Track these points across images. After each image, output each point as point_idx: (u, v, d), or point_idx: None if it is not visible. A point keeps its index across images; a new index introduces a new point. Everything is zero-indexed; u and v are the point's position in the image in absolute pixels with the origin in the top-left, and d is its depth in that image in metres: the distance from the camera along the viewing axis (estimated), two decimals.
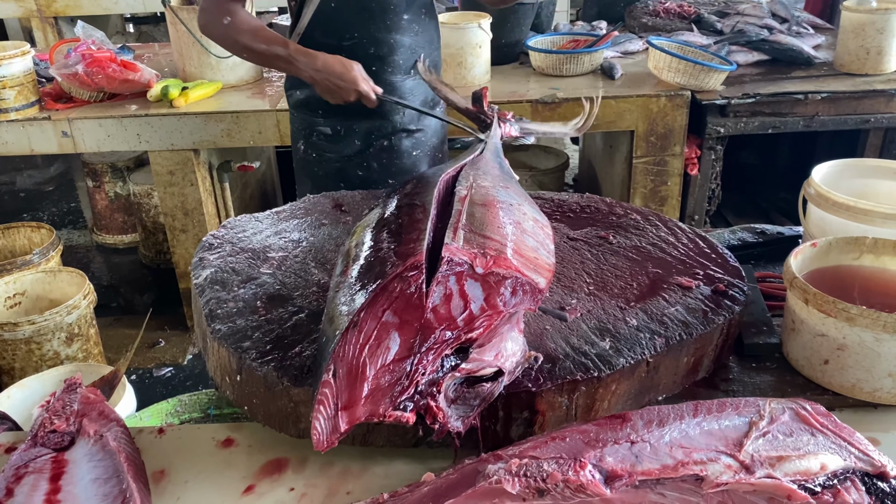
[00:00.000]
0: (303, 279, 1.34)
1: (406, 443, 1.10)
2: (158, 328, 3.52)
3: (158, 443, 1.21)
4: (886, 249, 1.35)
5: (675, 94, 3.02)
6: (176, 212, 3.22)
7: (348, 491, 1.08)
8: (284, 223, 1.56)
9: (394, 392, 0.96)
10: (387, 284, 0.97)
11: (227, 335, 1.18)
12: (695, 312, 1.23)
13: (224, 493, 1.09)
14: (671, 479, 0.91)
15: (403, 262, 0.99)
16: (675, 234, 1.50)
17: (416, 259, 0.99)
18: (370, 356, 0.95)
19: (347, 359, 0.94)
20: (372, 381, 0.95)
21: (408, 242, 1.06)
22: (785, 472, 0.93)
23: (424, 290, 0.97)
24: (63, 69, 3.02)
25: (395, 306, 0.96)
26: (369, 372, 0.95)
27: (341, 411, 0.94)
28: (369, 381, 0.95)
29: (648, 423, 0.98)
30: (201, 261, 1.39)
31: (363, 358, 0.95)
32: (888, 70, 3.14)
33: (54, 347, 2.77)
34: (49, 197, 5.13)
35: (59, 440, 1.15)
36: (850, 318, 1.16)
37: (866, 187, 1.66)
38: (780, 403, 1.04)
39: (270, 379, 1.10)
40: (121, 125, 3.02)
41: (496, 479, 0.90)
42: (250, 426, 1.21)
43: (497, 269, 1.01)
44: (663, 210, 3.21)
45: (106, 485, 1.06)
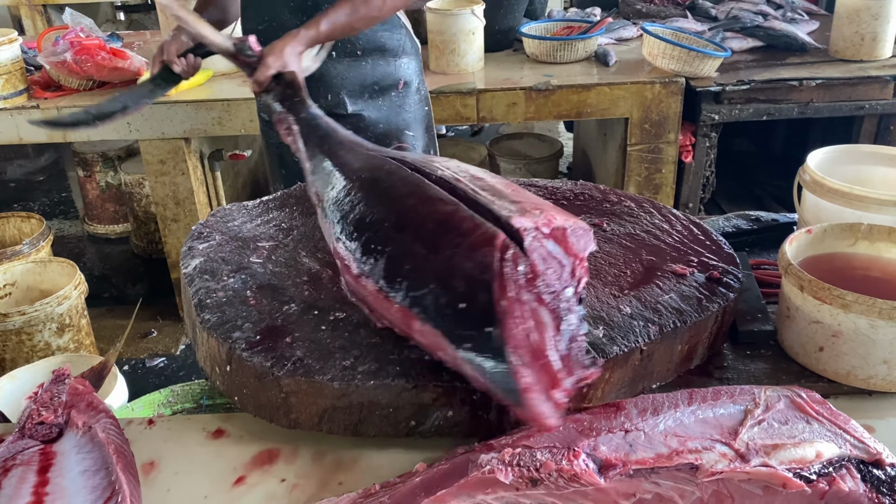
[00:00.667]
0: (293, 269, 1.33)
1: (398, 433, 1.09)
2: (151, 318, 3.50)
3: (148, 434, 1.20)
4: (881, 236, 1.34)
5: (670, 81, 3.01)
6: (167, 201, 3.19)
7: (340, 481, 1.07)
8: (275, 212, 1.54)
9: (573, 355, 0.98)
10: (500, 270, 0.96)
11: (217, 325, 1.17)
12: (689, 300, 1.22)
13: (214, 484, 1.08)
14: (666, 467, 0.90)
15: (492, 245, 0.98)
16: (670, 221, 1.49)
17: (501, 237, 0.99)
18: (539, 334, 0.96)
19: (524, 344, 0.95)
20: (554, 354, 0.97)
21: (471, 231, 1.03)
22: (780, 460, 0.92)
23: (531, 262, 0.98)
24: (51, 57, 2.98)
25: (520, 285, 0.97)
26: (548, 347, 0.97)
27: (550, 391, 0.95)
28: (552, 354, 0.97)
29: (643, 411, 0.98)
30: (190, 250, 1.37)
31: (535, 338, 0.96)
32: (883, 56, 3.13)
33: (45, 338, 2.75)
34: (40, 187, 5.09)
35: (46, 432, 1.14)
36: (845, 304, 1.15)
37: (861, 173, 1.65)
38: (776, 391, 1.03)
39: (260, 369, 1.09)
40: None
41: (489, 468, 0.89)
42: (241, 417, 1.20)
43: (554, 224, 1.02)
44: (657, 198, 3.20)
45: (94, 477, 1.04)
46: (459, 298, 0.98)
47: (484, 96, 3.02)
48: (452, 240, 1.04)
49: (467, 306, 0.97)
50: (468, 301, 0.97)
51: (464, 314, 0.98)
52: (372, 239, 1.14)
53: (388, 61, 2.14)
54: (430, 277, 1.03)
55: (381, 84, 2.14)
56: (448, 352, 1.00)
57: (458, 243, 1.02)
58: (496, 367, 0.94)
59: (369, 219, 1.18)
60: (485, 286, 0.95)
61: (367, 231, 1.16)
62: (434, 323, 1.00)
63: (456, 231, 1.04)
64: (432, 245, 1.06)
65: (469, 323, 0.97)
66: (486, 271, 0.96)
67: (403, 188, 1.20)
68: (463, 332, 0.97)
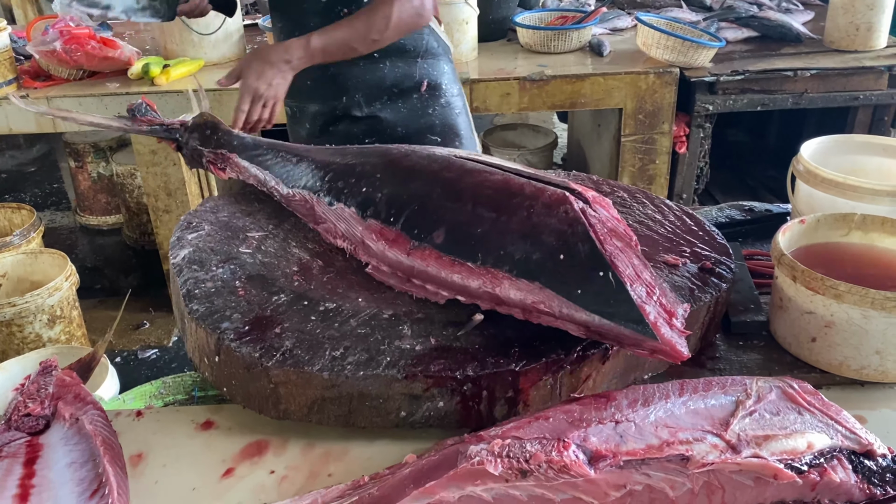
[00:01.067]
0: (283, 259, 1.32)
1: (388, 423, 1.08)
2: (143, 310, 3.48)
3: (136, 426, 1.19)
4: (874, 226, 1.33)
5: (664, 72, 2.99)
6: (159, 192, 3.17)
7: (329, 473, 1.06)
8: (265, 203, 1.53)
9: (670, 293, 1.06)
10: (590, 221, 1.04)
11: (205, 315, 1.16)
12: (681, 290, 1.22)
13: (203, 476, 1.07)
14: (656, 459, 0.89)
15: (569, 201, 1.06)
16: (662, 211, 1.48)
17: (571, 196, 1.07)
18: (642, 271, 1.03)
19: (638, 281, 1.01)
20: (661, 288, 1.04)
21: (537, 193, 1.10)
22: (771, 451, 0.92)
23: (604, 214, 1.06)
24: (41, 46, 2.96)
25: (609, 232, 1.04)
26: (654, 282, 1.04)
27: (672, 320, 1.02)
28: (658, 289, 1.03)
29: (633, 402, 0.97)
30: (179, 240, 1.36)
31: (642, 276, 1.03)
32: (878, 46, 3.12)
33: (36, 330, 2.73)
34: (31, 178, 5.06)
35: (33, 424, 1.13)
36: (837, 295, 1.14)
37: (855, 163, 1.65)
38: (768, 382, 1.02)
39: (249, 360, 1.08)
40: (101, 103, 2.96)
41: (478, 459, 0.88)
42: (230, 408, 1.19)
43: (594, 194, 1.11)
44: (651, 188, 3.19)
45: (81, 469, 1.03)
46: (556, 251, 1.03)
47: (478, 86, 3.00)
48: (522, 201, 1.10)
49: (567, 258, 1.02)
50: (567, 251, 1.02)
51: (567, 264, 1.02)
52: (421, 212, 1.19)
53: (407, 62, 2.02)
54: (512, 236, 1.07)
55: (400, 86, 2.02)
56: (553, 304, 1.03)
57: (530, 204, 1.09)
58: (617, 307, 0.98)
59: (407, 195, 1.22)
60: (581, 236, 1.02)
61: (409, 205, 1.20)
62: (531, 277, 1.04)
63: (521, 194, 1.11)
64: (499, 208, 1.11)
65: (576, 271, 1.01)
66: (575, 223, 1.03)
67: (435, 164, 1.25)
68: (570, 282, 1.01)
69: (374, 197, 1.25)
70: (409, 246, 1.16)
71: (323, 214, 1.34)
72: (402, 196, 1.22)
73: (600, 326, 1.00)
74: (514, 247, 1.06)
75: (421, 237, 1.16)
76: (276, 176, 1.46)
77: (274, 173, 1.47)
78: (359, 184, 1.29)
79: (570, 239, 1.03)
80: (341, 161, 1.37)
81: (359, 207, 1.26)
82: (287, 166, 1.45)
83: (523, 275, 1.05)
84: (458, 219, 1.14)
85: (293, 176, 1.42)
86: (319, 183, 1.36)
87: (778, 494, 0.93)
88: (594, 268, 1.00)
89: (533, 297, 1.05)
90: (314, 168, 1.39)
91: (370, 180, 1.28)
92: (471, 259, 1.10)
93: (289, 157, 1.46)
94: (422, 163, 1.26)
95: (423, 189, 1.21)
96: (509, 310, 1.08)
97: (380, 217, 1.22)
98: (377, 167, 1.30)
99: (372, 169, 1.30)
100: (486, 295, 1.10)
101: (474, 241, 1.10)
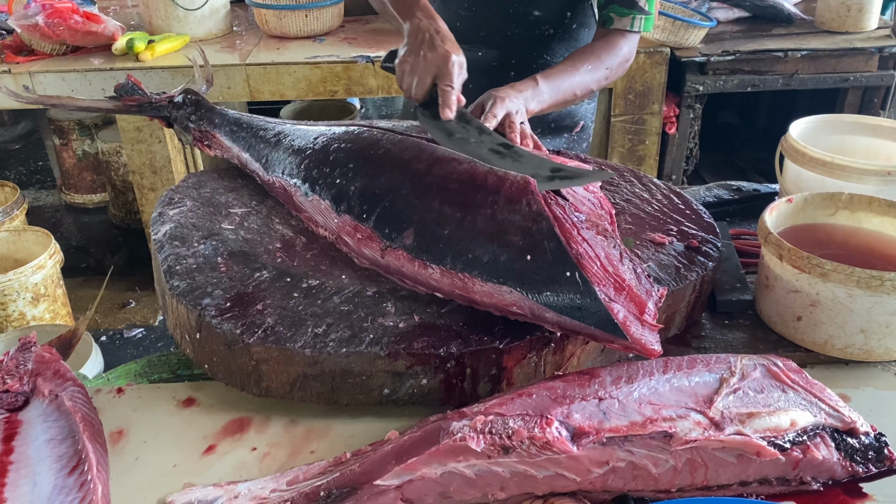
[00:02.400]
0: (266, 235, 1.30)
1: (371, 401, 1.07)
2: (129, 289, 3.46)
3: (117, 402, 1.17)
4: (861, 206, 1.33)
5: (655, 51, 2.97)
6: (144, 170, 3.14)
7: (312, 450, 1.06)
8: (249, 179, 1.50)
9: (641, 277, 1.02)
10: (554, 214, 1.00)
11: (186, 292, 1.14)
12: (667, 269, 1.21)
13: (184, 453, 1.06)
14: (639, 436, 0.89)
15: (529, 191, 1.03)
16: (650, 189, 1.47)
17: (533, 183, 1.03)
18: (613, 265, 1.00)
19: (604, 279, 0.98)
20: (631, 283, 1.00)
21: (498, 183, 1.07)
22: (755, 428, 0.91)
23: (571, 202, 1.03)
24: (22, 20, 2.90)
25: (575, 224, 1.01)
26: (626, 276, 1.00)
27: (641, 317, 0.98)
28: (629, 282, 1.00)
29: (617, 379, 0.96)
30: (161, 216, 1.34)
31: (611, 270, 0.99)
32: (868, 28, 3.11)
33: (20, 308, 2.71)
34: (16, 155, 5.00)
35: (12, 400, 1.11)
36: (823, 273, 1.14)
37: (844, 143, 1.64)
38: (752, 360, 1.02)
39: (231, 336, 1.07)
40: (85, 79, 2.91)
41: (460, 436, 0.87)
42: (212, 385, 1.18)
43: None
44: (641, 169, 3.18)
45: (61, 445, 1.02)
46: (523, 251, 1.00)
47: None
48: (486, 196, 1.06)
49: (533, 256, 0.99)
50: (533, 251, 0.99)
51: (533, 264, 0.99)
52: (392, 210, 1.15)
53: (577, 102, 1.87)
54: (479, 237, 1.04)
55: (559, 123, 1.93)
56: (524, 305, 1.01)
57: (493, 199, 1.04)
58: (585, 308, 0.96)
59: (378, 189, 1.18)
60: (546, 233, 0.98)
61: (380, 202, 1.16)
62: (499, 280, 1.01)
63: (483, 187, 1.06)
64: (465, 205, 1.08)
65: (543, 272, 0.98)
66: (539, 219, 0.99)
67: (406, 153, 1.20)
68: (537, 282, 0.99)
69: (347, 190, 1.22)
70: (382, 245, 1.14)
71: (301, 204, 1.32)
72: (374, 190, 1.18)
73: (572, 326, 0.99)
74: (481, 249, 1.04)
75: (392, 237, 1.13)
76: (257, 159, 1.43)
77: (254, 155, 1.44)
78: (333, 174, 1.25)
79: (535, 236, 1.00)
80: (317, 147, 1.33)
81: (333, 201, 1.23)
82: (266, 148, 1.41)
83: (492, 277, 1.02)
84: (425, 219, 1.10)
85: (272, 161, 1.39)
86: (296, 170, 1.32)
87: (761, 472, 0.93)
88: (561, 268, 0.97)
89: (504, 300, 1.02)
90: (292, 153, 1.35)
91: (343, 170, 1.24)
92: (441, 262, 1.07)
93: (268, 138, 1.43)
94: (393, 150, 1.22)
95: (393, 183, 1.17)
96: (486, 308, 1.06)
97: (353, 213, 1.19)
98: (350, 155, 1.26)
99: (345, 157, 1.26)
100: (459, 296, 1.08)
101: (443, 244, 1.07)
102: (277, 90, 2.96)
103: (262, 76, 2.92)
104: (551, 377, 0.99)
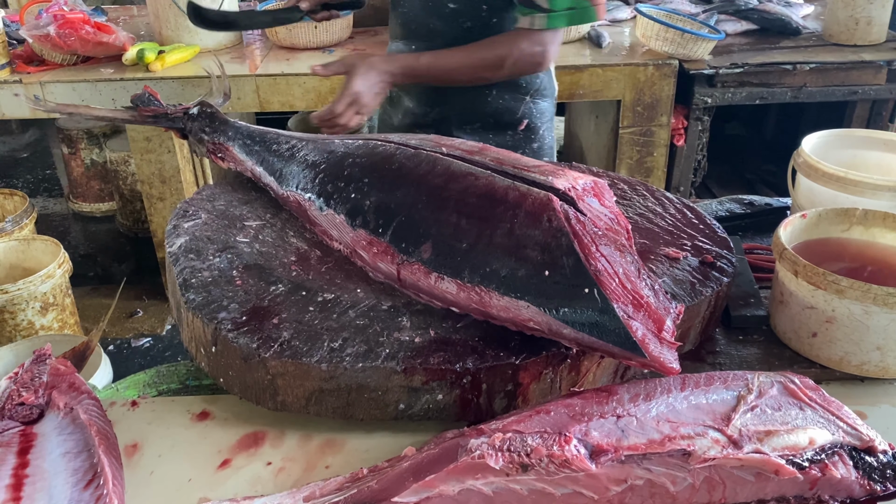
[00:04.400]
0: (281, 248, 1.30)
1: (386, 416, 1.07)
2: (137, 298, 3.47)
3: (132, 415, 1.17)
4: (876, 221, 1.33)
5: (663, 64, 2.98)
6: (153, 179, 3.15)
7: (327, 465, 1.05)
8: (263, 191, 1.51)
9: (659, 294, 1.01)
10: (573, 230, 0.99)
11: (202, 305, 1.14)
12: (682, 284, 1.21)
13: (199, 467, 1.06)
14: (658, 454, 0.89)
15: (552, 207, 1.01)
16: (663, 204, 1.47)
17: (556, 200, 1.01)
18: (631, 282, 0.98)
19: (623, 296, 0.97)
20: (649, 300, 0.99)
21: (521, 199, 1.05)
22: (773, 446, 0.91)
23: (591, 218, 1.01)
24: (34, 30, 2.92)
25: (595, 240, 0.99)
26: (644, 292, 0.98)
27: (659, 335, 0.97)
28: (647, 298, 0.98)
29: (635, 396, 0.96)
30: (175, 228, 1.34)
31: (630, 287, 0.98)
32: (877, 40, 3.12)
33: (28, 317, 2.71)
34: (24, 164, 5.02)
35: (27, 413, 1.12)
36: (839, 290, 1.14)
37: (856, 158, 1.64)
38: (769, 377, 1.02)
39: (247, 350, 1.07)
40: (95, 89, 2.93)
41: (479, 453, 0.87)
42: (226, 398, 1.18)
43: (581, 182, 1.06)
44: (649, 181, 3.17)
45: (76, 459, 1.02)
46: (541, 266, 0.99)
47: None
48: (505, 211, 1.05)
49: (552, 273, 0.98)
50: (551, 267, 0.98)
51: (551, 281, 0.98)
52: (408, 224, 1.15)
53: (515, 97, 1.96)
54: (497, 252, 1.04)
55: (499, 119, 1.97)
56: (541, 320, 1.00)
57: (513, 213, 1.04)
58: (603, 325, 0.95)
59: (393, 203, 1.18)
60: (565, 249, 0.97)
61: (396, 216, 1.16)
62: (517, 295, 1.01)
63: (504, 202, 1.06)
64: (484, 219, 1.07)
65: (560, 289, 0.98)
66: (559, 235, 0.98)
67: (421, 167, 1.20)
68: (556, 298, 0.98)
69: (362, 204, 1.22)
70: (398, 260, 1.14)
71: (315, 218, 1.32)
72: (389, 205, 1.18)
73: (590, 343, 0.98)
74: (499, 263, 1.03)
75: (409, 251, 1.12)
76: (271, 173, 1.44)
77: (268, 169, 1.44)
78: (347, 188, 1.25)
79: (554, 252, 0.99)
80: (331, 160, 1.33)
81: (348, 215, 1.23)
82: (280, 162, 1.42)
83: (510, 292, 1.02)
84: (443, 232, 1.10)
85: (286, 175, 1.39)
86: (310, 185, 1.33)
87: (779, 490, 0.92)
88: (579, 284, 0.96)
89: (521, 315, 1.02)
90: (306, 167, 1.35)
91: (358, 185, 1.24)
92: (458, 276, 1.06)
93: (282, 152, 1.43)
94: (408, 164, 1.22)
95: (409, 198, 1.17)
96: (502, 322, 1.06)
97: (368, 227, 1.19)
98: (365, 169, 1.26)
99: (360, 172, 1.26)
100: (475, 311, 1.08)
101: (460, 258, 1.07)
102: (287, 101, 2.97)
103: (272, 87, 2.94)
104: (569, 394, 0.99)
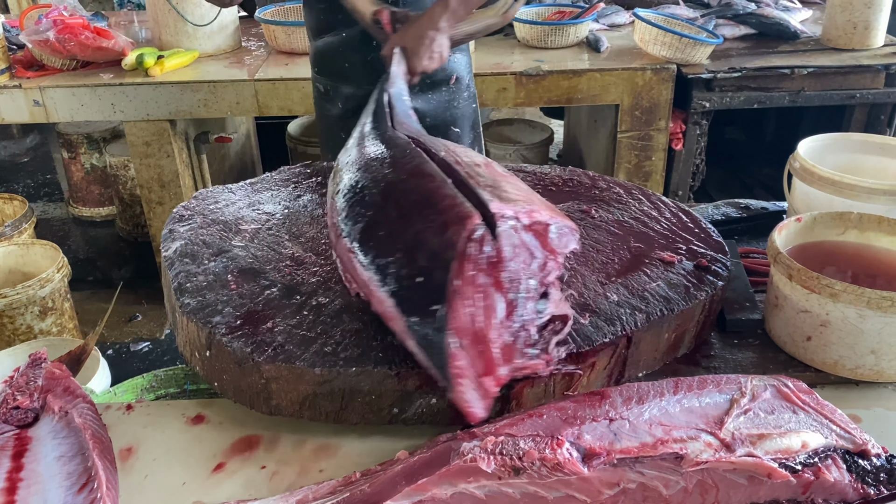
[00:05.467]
0: (276, 252, 1.31)
1: (380, 420, 1.07)
2: (136, 302, 3.46)
3: (127, 419, 1.17)
4: (871, 225, 1.33)
5: (661, 68, 2.98)
6: (152, 184, 3.15)
7: (321, 469, 1.06)
8: (259, 195, 1.51)
9: (520, 344, 0.99)
10: (463, 250, 0.95)
11: (197, 309, 1.14)
12: (677, 288, 1.21)
13: (193, 470, 1.06)
14: (650, 457, 0.89)
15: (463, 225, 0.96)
16: (658, 208, 1.47)
17: (475, 219, 0.97)
18: (485, 319, 0.96)
19: (466, 328, 0.94)
20: (497, 342, 0.97)
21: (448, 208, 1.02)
22: (766, 450, 0.91)
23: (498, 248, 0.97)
24: (33, 35, 2.93)
25: (481, 268, 0.96)
26: (492, 334, 0.96)
27: (483, 378, 0.95)
28: (495, 342, 0.96)
29: (628, 400, 0.96)
30: (171, 233, 1.35)
31: (481, 323, 0.95)
32: (875, 45, 3.12)
33: (27, 321, 2.72)
34: (24, 168, 5.03)
35: (22, 417, 1.12)
36: (833, 294, 1.14)
37: (852, 162, 1.64)
38: (762, 380, 1.02)
39: (241, 354, 1.07)
40: (94, 94, 2.94)
41: (471, 457, 0.87)
42: (221, 403, 1.18)
43: (536, 218, 1.01)
44: (647, 185, 3.18)
45: (70, 463, 1.02)
46: (418, 272, 0.99)
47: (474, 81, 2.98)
48: (428, 214, 1.04)
49: (424, 281, 0.98)
50: (426, 275, 0.98)
51: (419, 288, 0.98)
52: (358, 203, 1.17)
53: None
54: (398, 247, 1.04)
55: (433, 77, 2.02)
56: (398, 323, 1.00)
57: (432, 218, 1.02)
58: (435, 346, 0.94)
59: (360, 184, 1.21)
60: (445, 263, 0.95)
61: (356, 195, 1.19)
62: (390, 291, 1.01)
63: (433, 206, 1.04)
64: (408, 216, 1.07)
65: (420, 298, 0.97)
66: (449, 249, 0.96)
67: (401, 161, 1.22)
68: (413, 305, 0.98)
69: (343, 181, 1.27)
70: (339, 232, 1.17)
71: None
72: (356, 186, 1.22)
73: (421, 358, 0.98)
74: (393, 257, 1.04)
75: (344, 226, 1.16)
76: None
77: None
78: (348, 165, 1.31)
79: (434, 262, 0.97)
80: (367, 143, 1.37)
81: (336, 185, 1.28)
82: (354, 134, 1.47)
83: (385, 284, 1.02)
84: (375, 218, 1.12)
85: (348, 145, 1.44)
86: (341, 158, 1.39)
87: (772, 493, 0.92)
88: (433, 300, 0.94)
89: (384, 310, 1.02)
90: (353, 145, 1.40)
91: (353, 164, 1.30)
92: (362, 259, 1.08)
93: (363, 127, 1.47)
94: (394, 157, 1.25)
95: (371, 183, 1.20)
96: None
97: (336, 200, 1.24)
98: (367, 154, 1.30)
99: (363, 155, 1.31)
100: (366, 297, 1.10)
101: (372, 243, 1.09)
102: (286, 105, 2.97)
103: (271, 91, 2.94)
104: (562, 397, 0.99)
